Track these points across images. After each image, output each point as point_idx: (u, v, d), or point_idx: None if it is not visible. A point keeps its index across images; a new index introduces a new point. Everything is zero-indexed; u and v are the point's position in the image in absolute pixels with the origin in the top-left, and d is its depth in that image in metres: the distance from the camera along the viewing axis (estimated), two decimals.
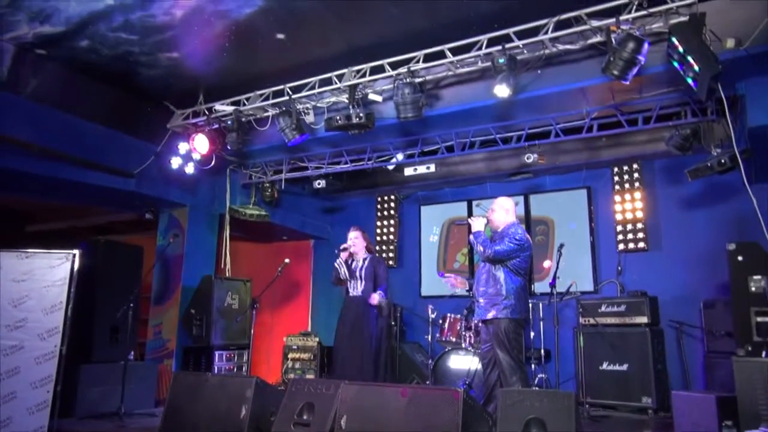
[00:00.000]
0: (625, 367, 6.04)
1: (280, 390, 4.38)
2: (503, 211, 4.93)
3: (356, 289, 5.76)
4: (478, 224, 4.90)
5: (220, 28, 5.05)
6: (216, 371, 6.78)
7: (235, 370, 7.13)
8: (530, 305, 6.61)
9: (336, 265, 5.84)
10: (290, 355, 7.90)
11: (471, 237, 4.87)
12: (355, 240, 5.89)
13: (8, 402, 4.73)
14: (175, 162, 6.70)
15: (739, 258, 4.58)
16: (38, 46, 5.35)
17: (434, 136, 6.77)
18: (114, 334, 6.09)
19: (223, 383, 4.33)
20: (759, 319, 4.39)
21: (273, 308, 9.42)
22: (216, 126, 6.46)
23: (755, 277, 4.47)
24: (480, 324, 5.03)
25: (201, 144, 6.51)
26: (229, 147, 6.38)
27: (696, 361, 6.38)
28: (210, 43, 5.32)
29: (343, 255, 5.79)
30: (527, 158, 6.37)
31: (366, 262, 5.85)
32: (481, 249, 4.72)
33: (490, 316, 4.64)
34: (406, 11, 4.80)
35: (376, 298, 5.61)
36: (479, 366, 5.04)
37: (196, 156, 6.62)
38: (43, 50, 5.42)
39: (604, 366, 6.15)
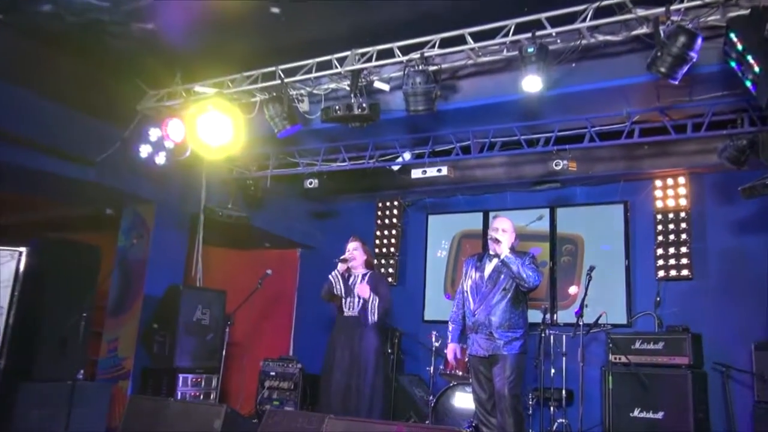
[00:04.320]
0: (660, 415, 6.03)
1: (254, 423, 4.39)
2: (513, 234, 5.15)
3: (352, 308, 5.78)
4: (506, 244, 5.01)
5: None
6: (179, 397, 6.75)
7: (202, 397, 7.10)
8: (552, 337, 6.73)
9: (331, 277, 5.86)
10: (267, 383, 7.87)
11: (508, 260, 4.91)
12: (354, 252, 5.93)
13: None
14: (144, 150, 6.69)
15: None
16: None
17: (448, 134, 6.79)
18: (62, 348, 6.06)
19: (187, 411, 4.36)
20: None
21: (250, 327, 9.40)
22: (194, 110, 6.47)
23: None
24: (476, 359, 5.06)
25: (175, 131, 6.50)
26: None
27: (744, 411, 6.35)
28: (191, 14, 5.35)
29: (341, 267, 5.82)
30: (555, 165, 6.37)
31: (366, 279, 5.87)
32: (534, 277, 4.86)
33: (506, 351, 4.78)
34: None
35: (366, 288, 5.64)
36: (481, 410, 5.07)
37: (168, 144, 6.61)
38: None
39: (636, 413, 6.14)
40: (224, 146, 6.33)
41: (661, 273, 7.22)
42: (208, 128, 6.14)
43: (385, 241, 9.11)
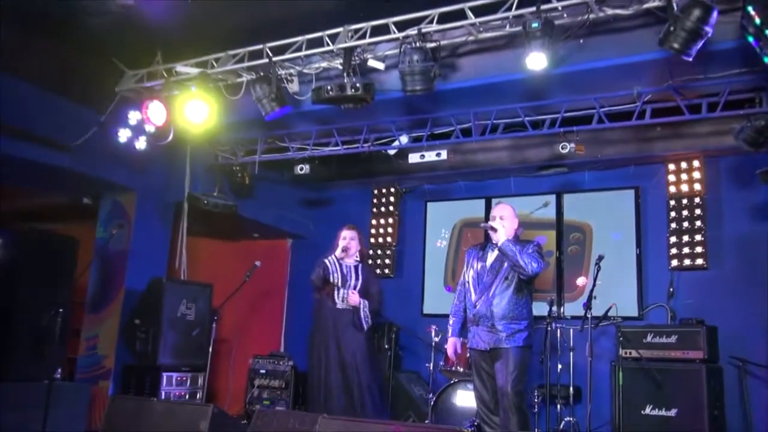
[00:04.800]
0: (673, 412, 6.06)
1: (243, 423, 4.41)
2: (513, 220, 5.17)
3: (346, 300, 5.83)
4: (503, 232, 5.01)
5: None
6: (163, 396, 6.76)
7: (188, 396, 7.12)
8: (558, 331, 6.75)
9: (327, 262, 5.89)
10: (257, 381, 7.90)
11: (505, 247, 4.92)
12: (351, 242, 5.96)
13: None
14: (123, 135, 6.67)
15: None
16: None
17: (447, 116, 6.79)
18: (37, 346, 6.07)
19: (172, 411, 4.37)
20: None
21: (238, 322, 9.43)
22: (176, 92, 6.45)
23: None
24: (477, 353, 5.08)
25: (156, 113, 6.48)
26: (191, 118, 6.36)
27: (761, 408, 6.41)
28: None
29: (339, 254, 5.84)
30: (562, 148, 6.38)
31: (358, 271, 5.91)
32: (533, 265, 4.84)
33: (509, 344, 4.78)
34: None
35: (356, 297, 5.70)
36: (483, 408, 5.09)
37: (149, 128, 6.59)
38: None
39: (647, 410, 6.17)
40: (209, 130, 6.32)
41: (675, 262, 7.24)
42: (192, 110, 6.11)
43: (381, 230, 9.12)
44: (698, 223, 7.18)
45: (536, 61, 4.95)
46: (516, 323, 4.86)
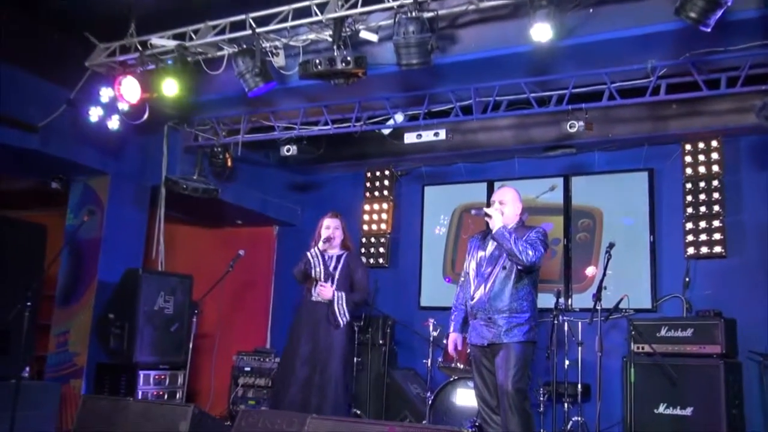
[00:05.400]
0: (688, 411, 6.10)
1: (226, 425, 4.42)
2: (515, 205, 5.15)
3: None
4: (499, 218, 4.99)
5: None
6: (140, 396, 6.79)
7: (166, 396, 7.14)
8: (566, 324, 6.77)
9: (309, 255, 5.91)
10: (241, 380, 7.93)
11: (499, 235, 4.89)
12: (335, 231, 5.99)
13: None
14: (95, 113, 6.64)
15: None
16: None
17: (446, 93, 6.78)
18: (3, 342, 6.08)
19: (149, 412, 4.38)
20: None
21: (220, 316, 9.43)
22: (152, 66, 6.43)
23: None
24: (477, 349, 5.09)
25: (130, 90, 6.46)
26: (168, 95, 6.33)
27: None
28: None
29: (322, 246, 5.86)
30: (570, 127, 6.38)
31: (341, 261, 5.95)
32: (528, 253, 4.80)
33: (508, 339, 4.81)
34: None
35: (329, 290, 5.73)
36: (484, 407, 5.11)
37: (123, 106, 6.57)
38: None
39: (661, 409, 6.21)
40: (187, 107, 6.30)
41: (691, 250, 7.25)
42: (168, 87, 6.09)
43: (374, 216, 9.10)
44: (716, 207, 7.18)
45: (542, 32, 4.93)
46: (516, 316, 4.82)
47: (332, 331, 5.74)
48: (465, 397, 6.43)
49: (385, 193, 9.15)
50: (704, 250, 7.20)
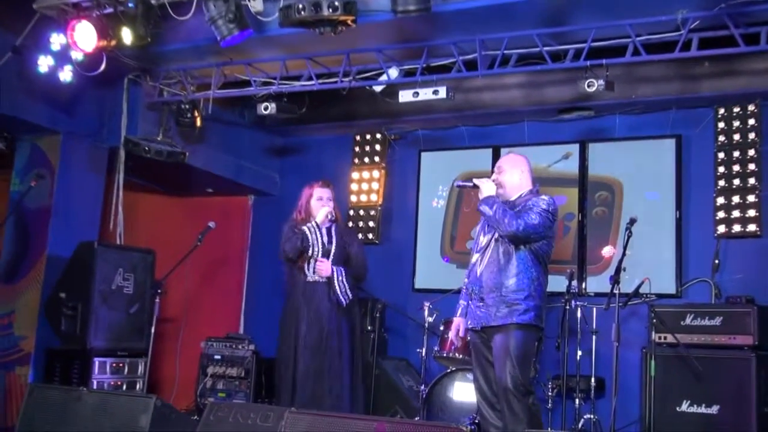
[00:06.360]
0: (714, 409, 6.13)
1: (193, 419, 4.42)
2: (517, 172, 5.15)
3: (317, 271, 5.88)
4: (488, 188, 5.04)
5: None
6: (95, 386, 6.79)
7: (125, 386, 7.16)
8: (579, 310, 6.78)
9: (306, 229, 5.91)
10: (210, 369, 7.93)
11: (482, 206, 4.95)
12: (329, 203, 6.07)
13: None
14: (44, 63, 6.60)
15: None
16: None
17: (447, 45, 6.75)
18: None
19: (106, 404, 4.38)
20: None
21: (187, 297, 9.46)
22: (110, 10, 6.34)
23: None
24: (475, 334, 5.10)
25: (85, 37, 6.36)
26: (128, 43, 6.28)
27: None
28: None
29: (321, 219, 5.94)
30: (588, 86, 6.34)
31: (332, 235, 5.95)
32: (504, 220, 4.80)
33: (501, 322, 4.79)
34: None
35: (328, 265, 5.74)
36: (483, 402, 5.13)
37: (76, 55, 6.53)
38: None
39: (684, 407, 6.24)
40: (150, 57, 6.24)
41: (722, 228, 7.25)
42: (127, 33, 6.03)
43: (364, 185, 9.09)
44: (752, 180, 7.17)
45: None
46: (513, 295, 4.80)
47: (336, 312, 5.76)
48: (463, 392, 6.44)
49: (376, 159, 9.12)
50: (737, 228, 7.20)
